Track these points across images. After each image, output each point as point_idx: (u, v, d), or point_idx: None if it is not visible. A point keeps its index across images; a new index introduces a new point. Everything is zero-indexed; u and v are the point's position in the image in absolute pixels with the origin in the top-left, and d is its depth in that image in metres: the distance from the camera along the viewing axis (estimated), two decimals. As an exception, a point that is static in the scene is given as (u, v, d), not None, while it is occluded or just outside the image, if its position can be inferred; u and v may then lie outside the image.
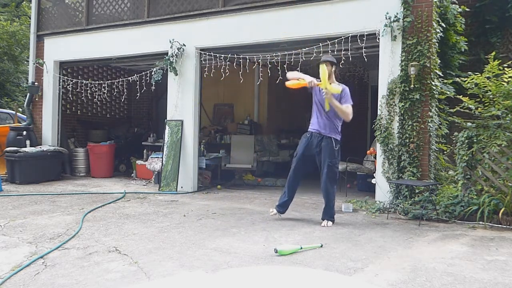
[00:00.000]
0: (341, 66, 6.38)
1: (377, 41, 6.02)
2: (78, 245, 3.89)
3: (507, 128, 5.13)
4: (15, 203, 5.99)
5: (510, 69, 5.12)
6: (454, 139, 5.46)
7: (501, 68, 5.22)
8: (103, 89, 8.67)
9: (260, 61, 7.22)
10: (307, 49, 6.52)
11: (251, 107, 10.40)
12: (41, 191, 7.09)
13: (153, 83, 7.63)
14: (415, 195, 5.56)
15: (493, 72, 5.23)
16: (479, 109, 5.35)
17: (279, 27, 6.72)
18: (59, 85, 9.02)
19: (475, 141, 5.20)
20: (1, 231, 4.37)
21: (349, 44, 6.12)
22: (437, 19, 5.94)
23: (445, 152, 6.29)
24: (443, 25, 6.08)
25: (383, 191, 5.84)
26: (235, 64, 7.84)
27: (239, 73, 7.18)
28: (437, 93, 5.91)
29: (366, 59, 6.31)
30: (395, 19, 5.82)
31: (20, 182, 7.77)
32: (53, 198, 6.47)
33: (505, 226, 4.76)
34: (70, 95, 9.38)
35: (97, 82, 8.79)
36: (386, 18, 5.86)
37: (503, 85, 5.12)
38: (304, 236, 4.35)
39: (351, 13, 6.23)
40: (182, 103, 7.49)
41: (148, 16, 7.93)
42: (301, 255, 3.65)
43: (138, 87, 7.99)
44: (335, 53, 6.35)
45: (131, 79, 8.22)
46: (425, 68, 5.71)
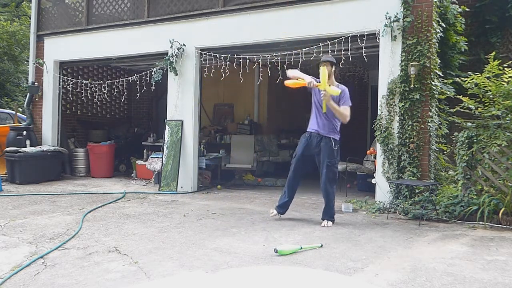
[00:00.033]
0: (341, 66, 6.37)
1: (377, 41, 6.03)
2: (78, 245, 3.89)
3: (507, 128, 5.13)
4: (15, 203, 5.99)
5: (510, 69, 5.12)
6: (454, 139, 5.46)
7: (501, 68, 5.22)
8: (103, 89, 8.67)
9: (260, 61, 7.22)
10: (307, 49, 6.53)
11: (251, 107, 10.40)
12: (41, 191, 7.09)
13: (153, 83, 7.63)
14: (415, 195, 5.56)
15: (493, 72, 5.23)
16: (479, 109, 5.35)
17: (279, 27, 6.72)
18: (59, 85, 9.02)
19: (475, 141, 5.20)
20: (1, 231, 4.37)
21: (349, 44, 6.13)
22: (437, 19, 5.94)
23: (445, 152, 6.29)
24: (443, 25, 6.08)
25: (383, 191, 5.84)
26: (235, 64, 7.84)
27: (239, 73, 7.18)
28: (437, 93, 5.91)
29: (366, 59, 6.31)
30: (395, 19, 5.83)
31: (20, 182, 7.78)
32: (53, 198, 6.47)
33: (505, 226, 4.76)
34: (70, 95, 9.38)
35: (97, 82, 8.79)
36: (386, 18, 5.86)
37: (503, 85, 5.12)
38: (304, 236, 4.35)
39: (351, 13, 6.23)
40: (182, 103, 7.49)
41: (148, 16, 7.93)
42: (301, 255, 3.65)
43: (138, 87, 8.00)
44: (335, 53, 6.35)
45: (131, 79, 8.22)
46: (425, 68, 5.71)
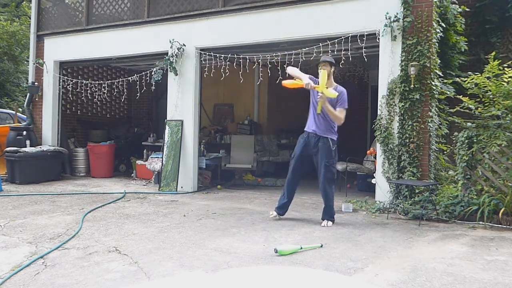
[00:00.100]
0: (341, 66, 6.38)
1: (377, 41, 6.02)
2: (78, 245, 3.89)
3: (507, 128, 5.13)
4: (15, 203, 5.99)
5: (510, 69, 5.12)
6: (454, 139, 5.46)
7: (501, 68, 5.22)
8: (103, 89, 8.67)
9: (260, 61, 7.21)
10: (307, 49, 6.53)
11: (251, 107, 10.40)
12: (41, 191, 7.09)
13: (153, 83, 7.63)
14: (415, 195, 5.56)
15: (493, 72, 5.23)
16: (479, 109, 5.35)
17: (279, 27, 6.72)
18: (59, 85, 9.02)
19: (475, 141, 5.20)
20: (1, 231, 4.37)
21: (349, 44, 6.12)
22: (437, 19, 5.94)
23: (445, 152, 6.29)
24: (443, 25, 6.08)
25: (383, 191, 5.84)
26: (235, 64, 7.84)
27: (239, 73, 7.18)
28: (437, 93, 5.91)
29: (366, 59, 6.31)
30: (395, 19, 5.82)
31: (20, 182, 7.77)
32: (53, 198, 6.47)
33: (505, 226, 4.76)
34: (70, 95, 9.38)
35: (97, 82, 8.79)
36: (386, 18, 5.86)
37: (503, 85, 5.12)
38: (304, 236, 4.35)
39: (351, 13, 6.23)
40: (182, 103, 7.49)
41: (148, 16, 7.93)
42: (301, 255, 3.65)
43: (138, 87, 8.00)
44: (335, 53, 6.35)
45: (131, 79, 8.22)
46: (425, 68, 5.71)
